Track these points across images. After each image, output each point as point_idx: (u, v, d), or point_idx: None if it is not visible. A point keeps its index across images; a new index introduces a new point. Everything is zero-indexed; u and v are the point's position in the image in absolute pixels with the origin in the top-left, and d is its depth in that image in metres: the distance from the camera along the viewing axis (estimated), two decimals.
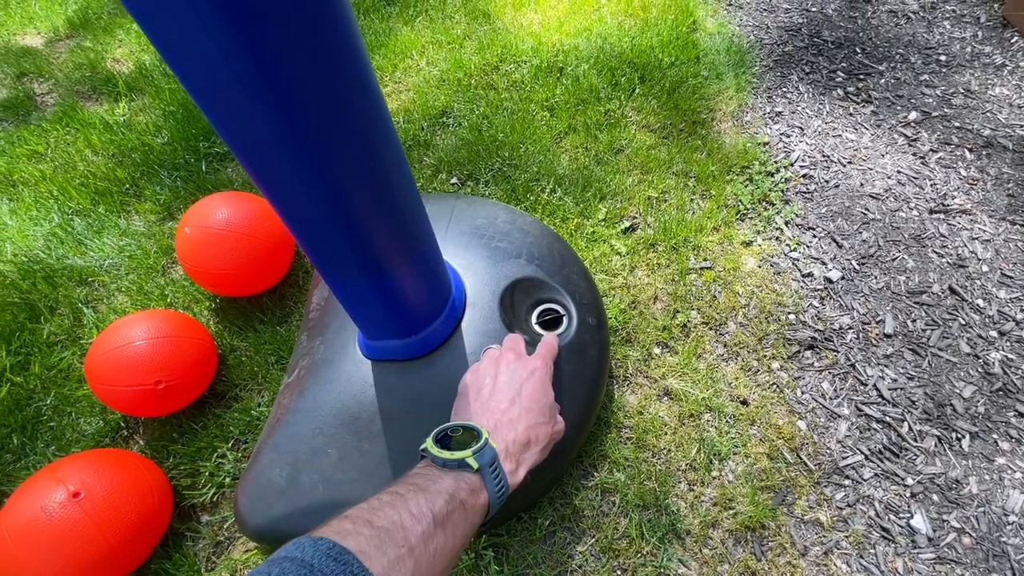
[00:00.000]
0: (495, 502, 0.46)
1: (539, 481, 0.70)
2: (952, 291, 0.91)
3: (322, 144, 0.40)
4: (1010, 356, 0.84)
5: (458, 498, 0.42)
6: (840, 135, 1.15)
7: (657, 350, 0.86)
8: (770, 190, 1.06)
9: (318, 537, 0.33)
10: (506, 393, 0.54)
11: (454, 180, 1.09)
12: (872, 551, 0.69)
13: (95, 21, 1.58)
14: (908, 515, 0.72)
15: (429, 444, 0.48)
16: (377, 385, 0.65)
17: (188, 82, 0.35)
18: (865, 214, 1.02)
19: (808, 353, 0.86)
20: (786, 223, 1.01)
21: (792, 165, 1.10)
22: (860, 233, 0.99)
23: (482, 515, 0.45)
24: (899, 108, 1.20)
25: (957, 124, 1.15)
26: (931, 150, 1.11)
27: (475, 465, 0.45)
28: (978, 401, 0.80)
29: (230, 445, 0.79)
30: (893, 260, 0.96)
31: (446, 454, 0.46)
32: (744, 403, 0.81)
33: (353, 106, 0.40)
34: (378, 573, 0.32)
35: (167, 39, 0.32)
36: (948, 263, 0.95)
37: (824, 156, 1.12)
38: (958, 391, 0.81)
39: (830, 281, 0.93)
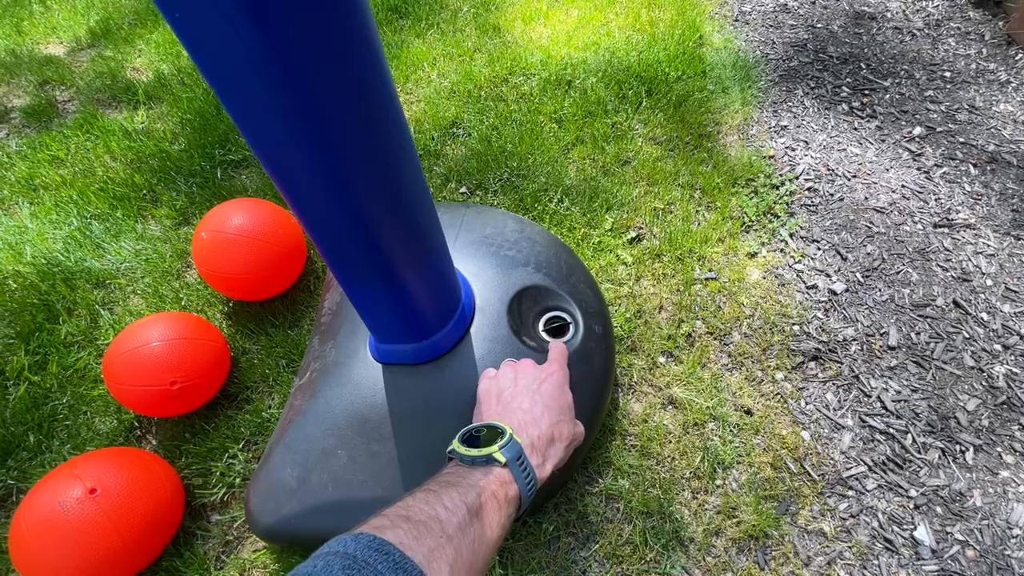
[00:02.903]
0: (526, 494, 0.47)
1: (544, 486, 0.71)
2: (956, 304, 0.92)
3: (344, 151, 0.41)
4: (1014, 370, 0.84)
5: (489, 490, 0.43)
6: (845, 149, 1.17)
7: (662, 359, 0.87)
8: (775, 202, 1.07)
9: (358, 532, 0.34)
10: (527, 394, 0.56)
11: (464, 189, 1.11)
12: (875, 562, 0.70)
13: (116, 31, 1.62)
14: (911, 527, 0.72)
15: (456, 444, 0.49)
16: (387, 388, 0.66)
17: (220, 91, 0.37)
18: (869, 227, 1.03)
19: (812, 364, 0.87)
20: (791, 235, 1.03)
21: (797, 178, 1.12)
22: (864, 246, 1.00)
23: (515, 507, 0.46)
24: (904, 123, 1.21)
25: (962, 139, 1.17)
26: (935, 165, 1.12)
27: (503, 459, 0.46)
28: (982, 414, 0.80)
29: (241, 446, 0.80)
30: (897, 273, 0.96)
31: (473, 451, 0.47)
32: (748, 413, 0.82)
33: (374, 113, 0.42)
34: (419, 561, 0.33)
35: (200, 46, 0.34)
36: (952, 277, 0.95)
37: (829, 170, 1.13)
38: (962, 404, 0.81)
39: (834, 293, 0.94)
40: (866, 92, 1.28)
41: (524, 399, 0.55)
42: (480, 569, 0.39)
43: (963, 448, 0.78)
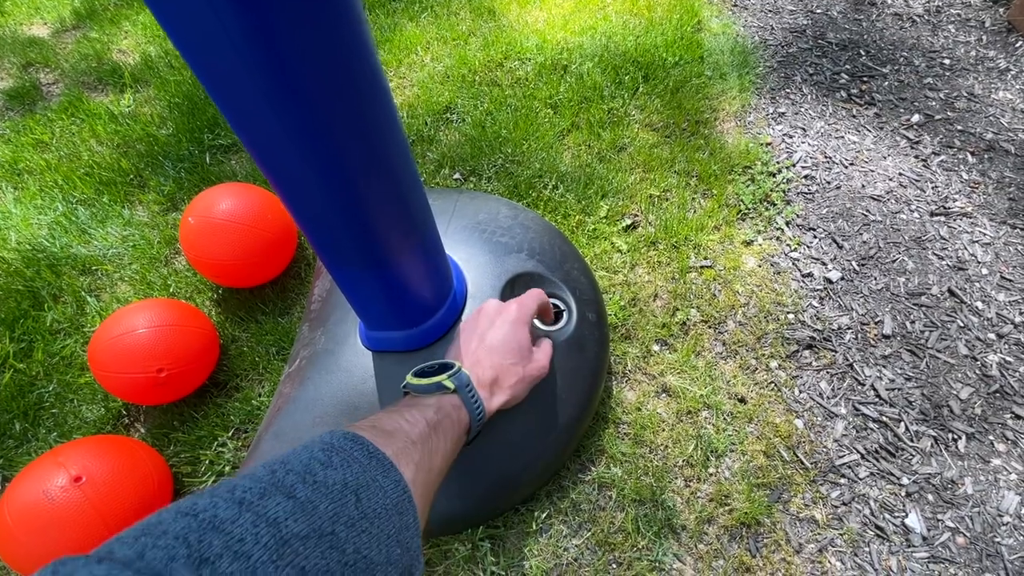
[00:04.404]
0: (475, 420, 0.51)
1: (537, 474, 0.71)
2: (951, 293, 0.91)
3: (330, 133, 0.40)
4: (1008, 359, 0.84)
5: (444, 410, 0.48)
6: (842, 137, 1.16)
7: (656, 347, 0.86)
8: (771, 190, 1.06)
9: (331, 431, 0.36)
10: (474, 336, 0.59)
11: (457, 176, 1.10)
12: (866, 549, 0.70)
13: (101, 12, 1.58)
14: (903, 514, 0.72)
15: (409, 378, 0.52)
16: (377, 376, 0.66)
17: (194, 64, 0.36)
18: (866, 215, 1.02)
19: (806, 352, 0.86)
20: (787, 223, 1.02)
21: (794, 166, 1.11)
22: (861, 234, 1.00)
23: (465, 430, 0.50)
24: (902, 111, 1.20)
25: (960, 127, 1.16)
26: (933, 153, 1.12)
27: (451, 386, 0.50)
28: (975, 403, 0.80)
29: (230, 434, 0.79)
30: (893, 262, 0.96)
31: (424, 380, 0.51)
32: (742, 401, 0.81)
33: (360, 94, 0.40)
34: (390, 455, 0.36)
35: (180, 30, 0.33)
36: (948, 265, 0.95)
37: (826, 157, 1.12)
38: (955, 392, 0.81)
39: (830, 281, 0.94)
40: (865, 79, 1.27)
41: (472, 341, 0.58)
42: (436, 477, 0.42)
43: (955, 436, 0.78)
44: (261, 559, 0.24)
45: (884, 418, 0.79)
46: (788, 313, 0.90)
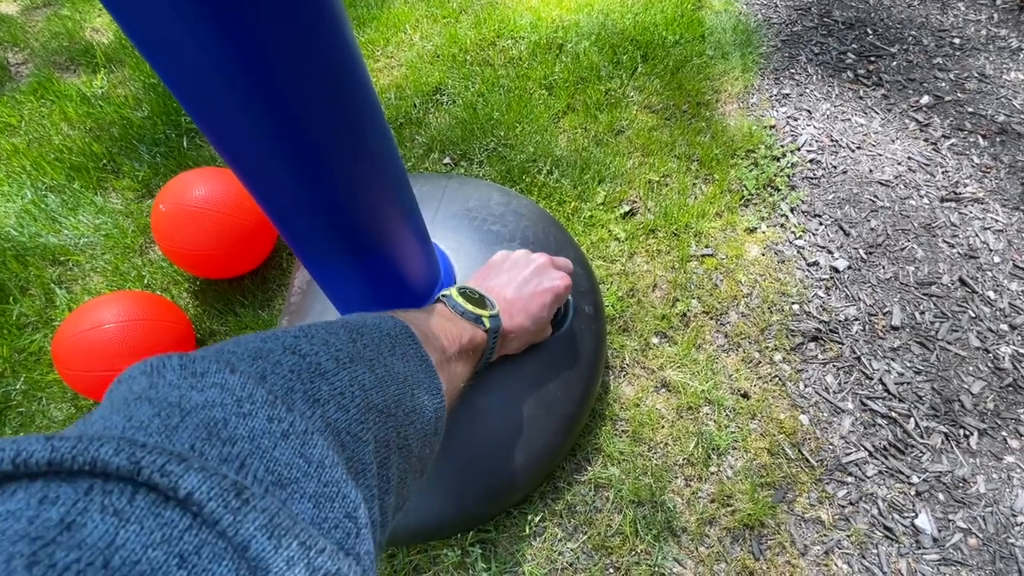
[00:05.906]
0: (482, 365, 0.49)
1: (530, 475, 0.67)
2: (962, 282, 0.88)
3: (293, 100, 0.35)
4: (1021, 351, 0.81)
5: (474, 342, 0.46)
6: (849, 119, 1.11)
7: (655, 340, 0.83)
8: (776, 175, 1.02)
9: (391, 314, 0.36)
10: (519, 288, 0.56)
11: (447, 160, 1.05)
12: (874, 551, 0.67)
13: None
14: (912, 514, 0.69)
15: (454, 292, 0.50)
16: None
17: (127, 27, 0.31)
18: (874, 201, 0.98)
19: (812, 345, 0.83)
20: (792, 210, 0.97)
21: (799, 150, 1.06)
22: (868, 221, 0.96)
23: (474, 370, 0.48)
24: (911, 92, 1.15)
25: (970, 109, 1.11)
26: (943, 136, 1.07)
27: (487, 325, 0.48)
28: (987, 397, 0.77)
29: None
30: (902, 250, 0.92)
31: (469, 306, 0.48)
32: (745, 396, 0.78)
33: (325, 56, 0.35)
34: (433, 363, 0.36)
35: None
36: (959, 253, 0.91)
37: (832, 141, 1.07)
38: (967, 386, 0.78)
39: (836, 270, 0.90)
40: (872, 59, 1.22)
41: (512, 290, 0.55)
42: (453, 403, 0.40)
43: (967, 432, 0.74)
44: (355, 417, 0.25)
45: (893, 413, 0.76)
46: (793, 304, 0.87)
